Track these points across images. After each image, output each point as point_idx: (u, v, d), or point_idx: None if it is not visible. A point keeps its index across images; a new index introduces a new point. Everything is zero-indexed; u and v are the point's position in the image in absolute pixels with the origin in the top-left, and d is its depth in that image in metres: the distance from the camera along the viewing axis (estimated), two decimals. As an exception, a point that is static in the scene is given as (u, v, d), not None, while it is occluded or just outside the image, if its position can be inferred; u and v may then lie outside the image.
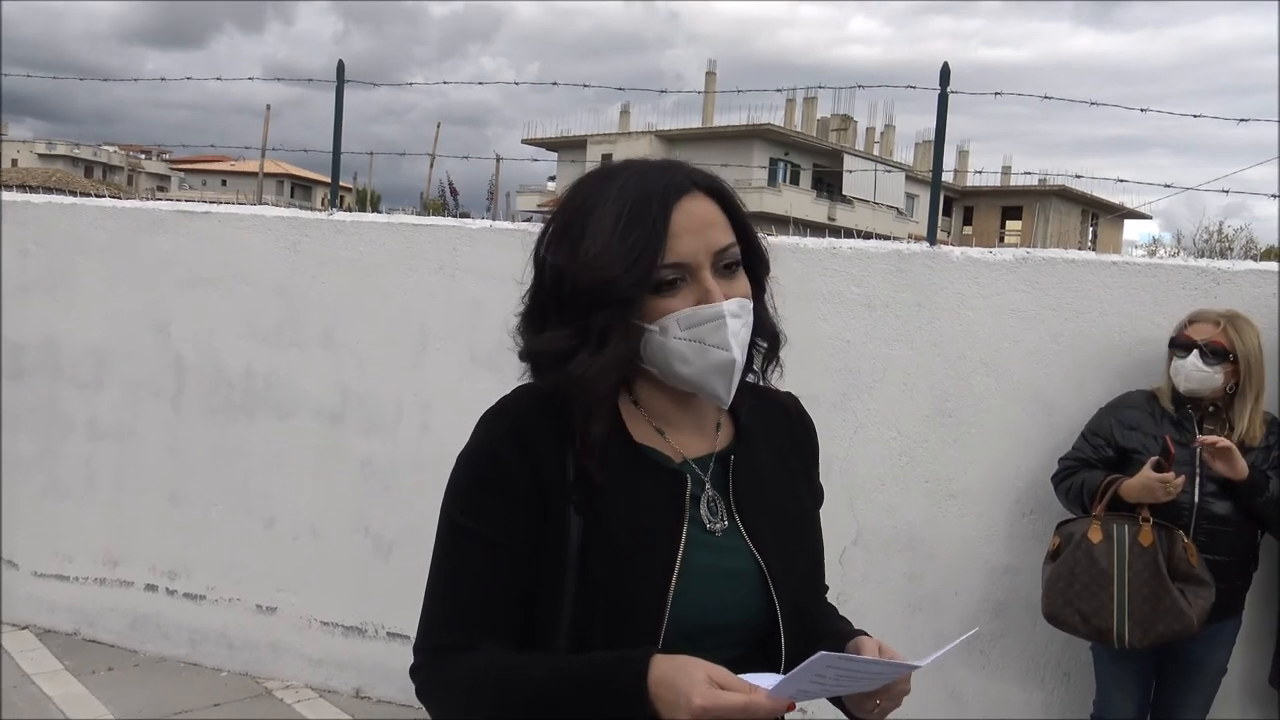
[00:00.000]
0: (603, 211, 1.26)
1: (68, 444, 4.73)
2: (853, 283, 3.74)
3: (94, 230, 4.68)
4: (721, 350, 1.25)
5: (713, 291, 1.25)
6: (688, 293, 1.26)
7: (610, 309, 1.23)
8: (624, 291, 1.23)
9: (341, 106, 4.68)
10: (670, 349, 1.26)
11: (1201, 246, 27.79)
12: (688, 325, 1.25)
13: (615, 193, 1.26)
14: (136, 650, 4.63)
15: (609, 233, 1.23)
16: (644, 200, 1.25)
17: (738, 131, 40.19)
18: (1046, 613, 3.15)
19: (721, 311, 1.25)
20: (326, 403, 4.35)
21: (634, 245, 1.22)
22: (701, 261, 1.25)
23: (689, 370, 1.27)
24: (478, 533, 1.27)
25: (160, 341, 4.56)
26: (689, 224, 1.25)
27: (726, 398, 1.29)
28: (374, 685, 4.29)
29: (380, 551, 4.27)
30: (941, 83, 3.90)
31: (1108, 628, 3.00)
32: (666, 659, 1.14)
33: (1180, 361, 3.08)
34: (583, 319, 1.25)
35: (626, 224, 1.23)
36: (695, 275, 1.25)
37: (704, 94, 37.37)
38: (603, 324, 1.24)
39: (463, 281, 4.16)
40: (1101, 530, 3.03)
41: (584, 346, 1.25)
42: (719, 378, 1.27)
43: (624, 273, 1.22)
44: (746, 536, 1.32)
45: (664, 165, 1.33)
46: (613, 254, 1.22)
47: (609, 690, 1.15)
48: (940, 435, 3.67)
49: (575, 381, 1.25)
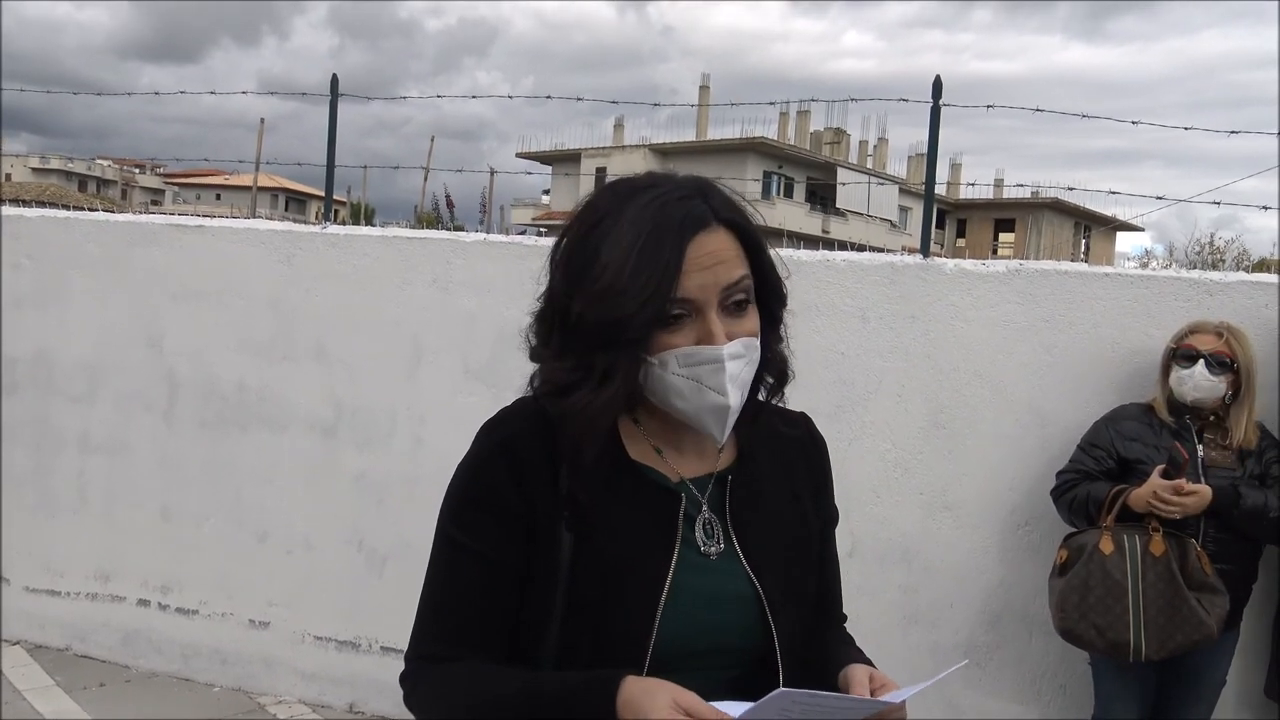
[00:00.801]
0: (617, 238, 1.21)
1: (60, 458, 4.71)
2: (846, 295, 3.74)
3: (87, 244, 4.68)
4: (717, 394, 1.23)
5: (715, 334, 1.22)
6: (690, 330, 1.22)
7: (618, 349, 1.21)
8: (634, 333, 1.20)
9: (335, 120, 4.69)
10: (668, 383, 1.24)
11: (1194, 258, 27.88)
12: (686, 364, 1.22)
13: (631, 218, 1.22)
14: (129, 666, 4.61)
15: (621, 265, 1.19)
16: (660, 234, 1.20)
17: (732, 145, 40.31)
18: (1061, 628, 3.11)
19: (721, 355, 1.22)
20: (320, 416, 4.34)
21: (646, 285, 1.18)
22: (708, 299, 1.22)
23: (685, 406, 1.25)
24: (469, 547, 1.27)
25: (153, 355, 4.55)
26: (701, 260, 1.21)
27: (720, 438, 1.28)
28: (368, 700, 4.27)
29: (374, 565, 4.25)
30: (934, 96, 3.92)
31: (1124, 641, 2.97)
32: (637, 681, 1.14)
33: (1185, 372, 3.09)
34: (588, 354, 1.22)
35: (639, 260, 1.19)
36: (700, 312, 1.22)
37: (698, 107, 37.48)
38: (608, 363, 1.22)
39: (456, 294, 4.16)
40: (1113, 541, 3.01)
41: (587, 381, 1.23)
42: (713, 419, 1.25)
43: (635, 314, 1.19)
44: (743, 559, 1.30)
45: (686, 190, 1.26)
46: (624, 292, 1.18)
47: (579, 709, 1.15)
48: (934, 447, 3.67)
49: (575, 417, 1.23)
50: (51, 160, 62.10)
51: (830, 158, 44.61)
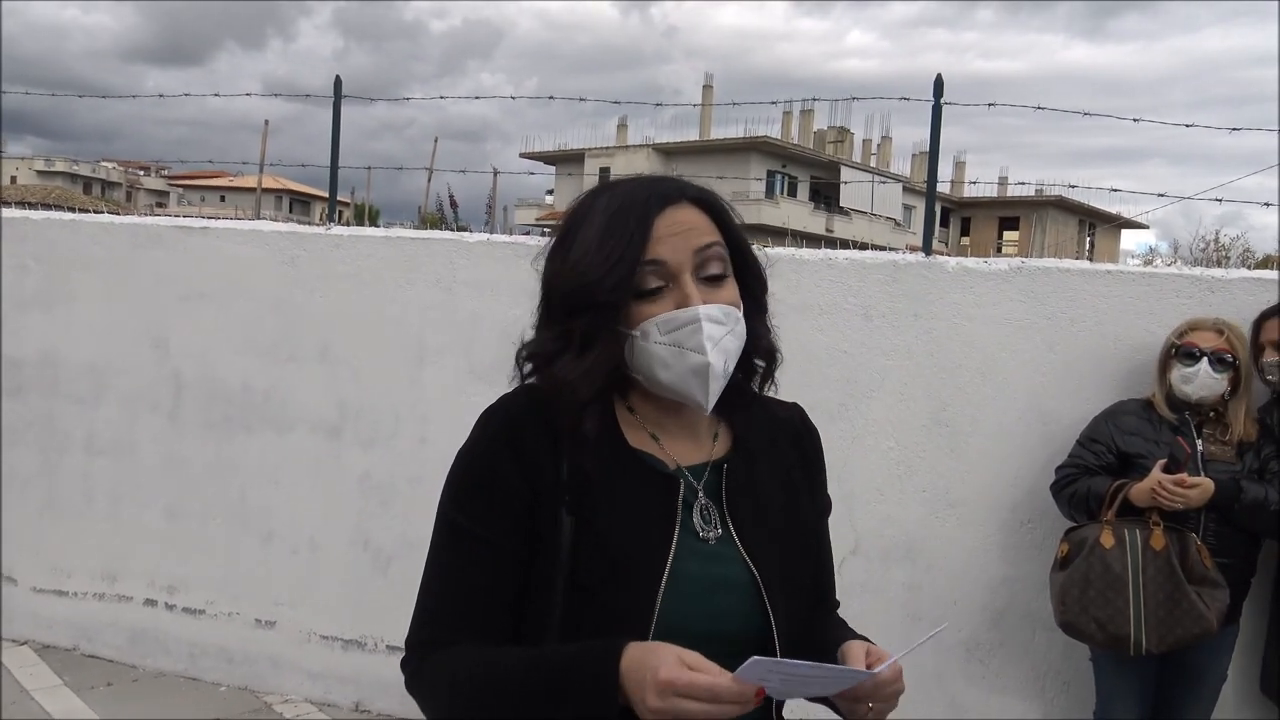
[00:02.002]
0: (590, 221, 1.29)
1: (66, 459, 4.73)
2: (849, 293, 3.75)
3: (92, 246, 4.70)
4: (697, 354, 1.26)
5: (690, 295, 1.26)
6: (668, 299, 1.27)
7: (592, 312, 1.26)
8: (605, 295, 1.25)
9: (339, 121, 4.71)
10: (651, 353, 1.27)
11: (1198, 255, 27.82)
12: (667, 329, 1.26)
13: (603, 204, 1.30)
14: (136, 665, 4.63)
15: (592, 239, 1.27)
16: (627, 208, 1.28)
17: (735, 144, 40.30)
18: (1061, 621, 3.12)
19: (698, 314, 1.25)
20: (324, 416, 4.35)
21: (613, 249, 1.25)
22: (682, 263, 1.27)
23: (669, 375, 1.28)
24: (469, 531, 1.28)
25: (158, 356, 4.57)
26: (671, 229, 1.27)
27: (706, 402, 1.29)
28: (374, 699, 4.29)
29: (379, 564, 4.27)
30: (935, 94, 3.92)
31: (1124, 634, 2.97)
32: (640, 645, 1.15)
33: (1189, 369, 3.09)
34: (566, 323, 1.28)
35: (607, 230, 1.27)
36: (676, 280, 1.27)
37: (700, 107, 37.45)
38: (585, 327, 1.27)
39: (460, 295, 4.17)
40: (1113, 535, 3.02)
41: (568, 349, 1.28)
42: (696, 381, 1.27)
43: (604, 276, 1.24)
44: (740, 545, 1.31)
45: (656, 178, 1.35)
46: (593, 259, 1.25)
47: (581, 676, 1.16)
48: (938, 445, 3.68)
49: (560, 383, 1.27)
50: (57, 163, 62.18)
51: (834, 156, 44.56)
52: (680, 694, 1.08)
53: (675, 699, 1.08)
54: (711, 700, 1.09)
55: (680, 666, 1.10)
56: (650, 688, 1.09)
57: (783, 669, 1.11)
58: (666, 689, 1.09)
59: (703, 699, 1.08)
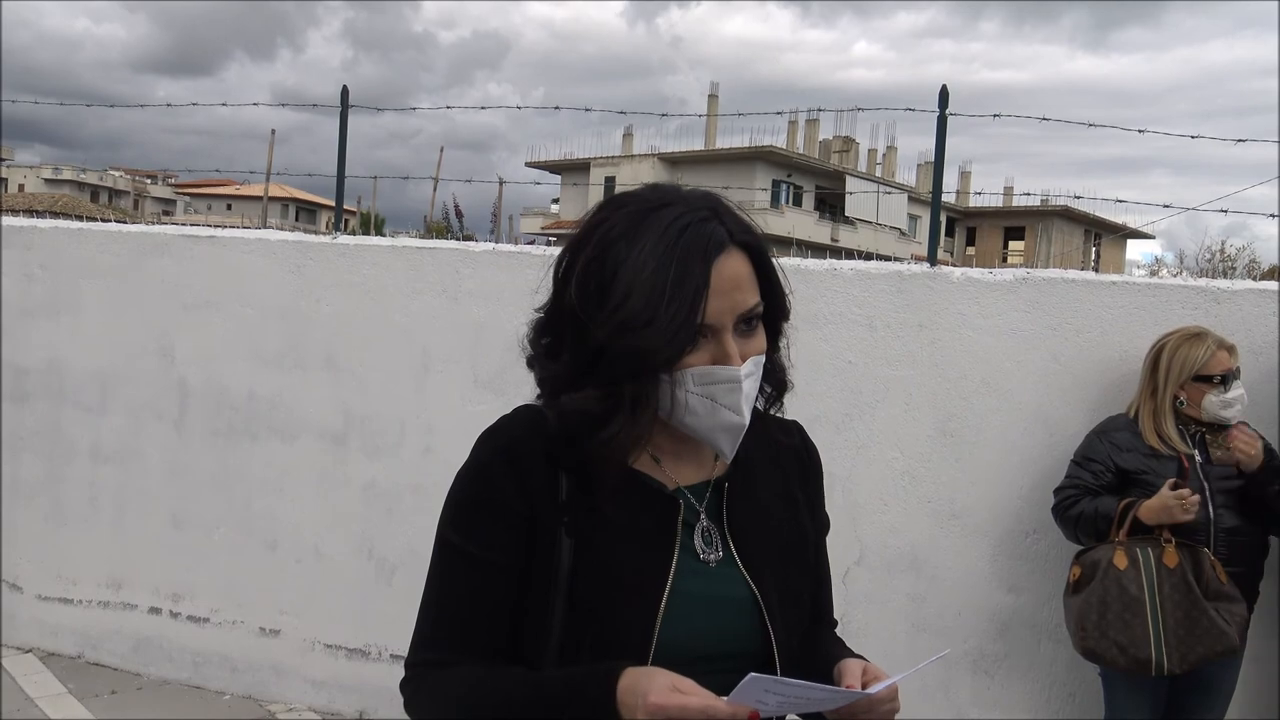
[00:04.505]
0: (639, 263, 1.20)
1: (72, 467, 4.74)
2: (854, 304, 3.75)
3: (99, 254, 4.71)
4: (732, 413, 1.25)
5: (731, 355, 1.23)
6: (705, 350, 1.24)
7: (648, 378, 1.23)
8: (664, 363, 1.21)
9: (345, 130, 4.72)
10: (680, 401, 1.25)
11: (1204, 266, 27.79)
12: (701, 382, 1.24)
13: (653, 240, 1.21)
14: (140, 673, 4.63)
15: (648, 293, 1.18)
16: (685, 262, 1.20)
17: (740, 153, 40.32)
18: (1082, 648, 3.08)
19: (738, 376, 1.24)
20: (330, 425, 4.36)
21: (675, 316, 1.19)
22: (725, 324, 1.24)
23: (696, 423, 1.26)
24: (468, 551, 1.28)
25: (164, 365, 4.58)
26: (720, 285, 1.22)
27: (729, 454, 1.30)
28: (377, 708, 4.28)
29: (383, 574, 4.27)
30: (940, 104, 3.92)
31: (1146, 657, 2.93)
32: (635, 670, 1.15)
33: (1227, 395, 3.07)
34: (616, 383, 1.22)
35: (672, 290, 1.19)
36: (716, 335, 1.24)
37: (706, 117, 37.51)
38: (637, 392, 1.23)
39: (466, 304, 4.18)
40: (1126, 555, 2.98)
41: (618, 411, 1.23)
42: (726, 437, 1.27)
43: (665, 345, 1.19)
44: (741, 565, 1.31)
45: (702, 211, 1.25)
46: (653, 322, 1.18)
47: (578, 700, 1.16)
48: (942, 455, 3.68)
49: (608, 447, 1.24)
50: (64, 171, 62.45)
51: (839, 166, 44.58)
52: (672, 718, 1.09)
53: None
54: None
55: (671, 691, 1.10)
56: (641, 711, 1.10)
57: (780, 688, 1.11)
58: (657, 713, 1.09)
59: None
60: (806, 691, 1.14)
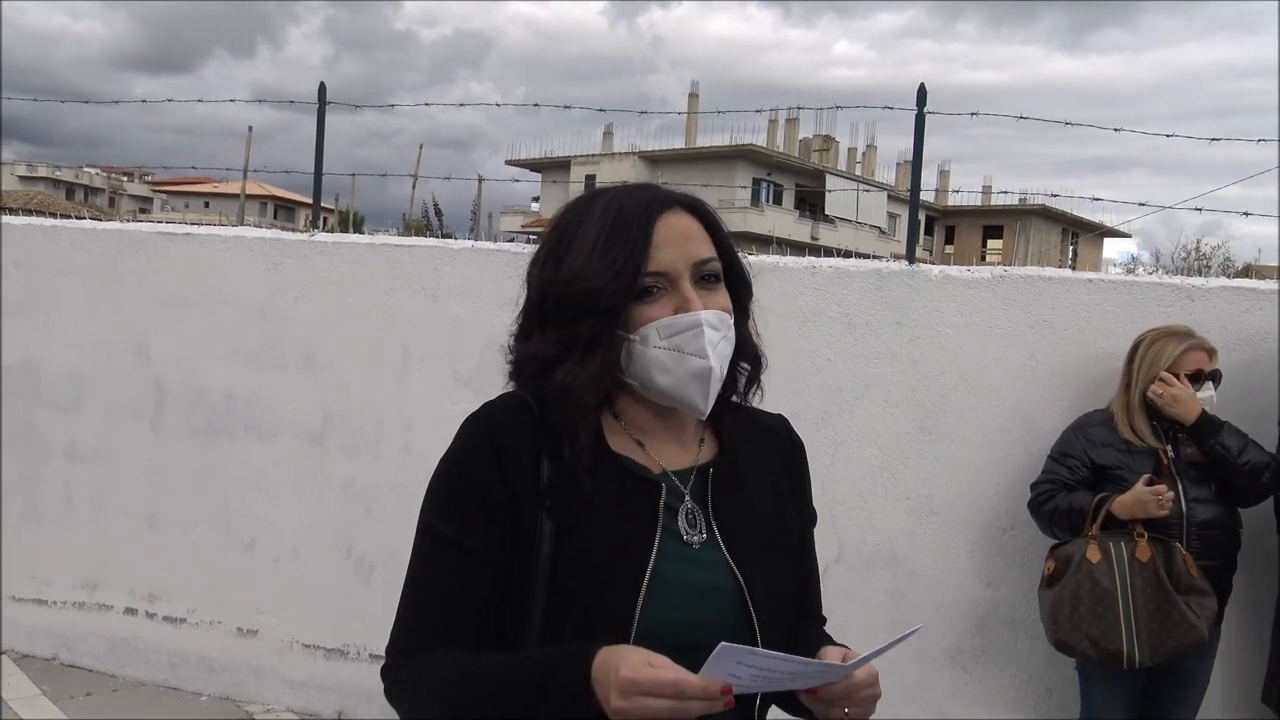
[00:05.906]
0: (586, 229, 1.30)
1: (46, 467, 4.69)
2: (833, 301, 3.76)
3: (74, 252, 4.67)
4: (699, 358, 1.27)
5: (691, 300, 1.28)
6: (667, 301, 1.28)
7: (595, 317, 1.26)
8: (608, 300, 1.26)
9: (323, 128, 4.70)
10: (650, 358, 1.28)
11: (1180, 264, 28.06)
12: (667, 334, 1.27)
13: (599, 211, 1.31)
14: (116, 675, 4.59)
15: (592, 246, 1.27)
16: (627, 214, 1.29)
17: (720, 152, 40.40)
18: (1054, 640, 3.11)
19: (699, 320, 1.27)
20: (308, 424, 4.33)
21: (617, 256, 1.26)
22: (681, 271, 1.29)
23: (668, 380, 1.28)
24: (450, 538, 1.28)
25: (140, 363, 4.54)
26: (670, 236, 1.29)
27: (704, 407, 1.30)
28: (356, 708, 4.26)
29: (362, 573, 4.25)
30: (918, 103, 3.94)
31: (1117, 649, 2.97)
32: (610, 648, 1.15)
33: (1205, 395, 3.12)
34: (568, 328, 1.27)
35: (609, 237, 1.27)
36: (675, 284, 1.29)
37: (686, 115, 37.57)
38: (589, 333, 1.27)
39: (445, 301, 4.16)
40: (1099, 549, 3.02)
41: (570, 354, 1.27)
42: (697, 385, 1.28)
43: (608, 282, 1.25)
44: (725, 550, 1.31)
45: (646, 186, 1.37)
46: (595, 265, 1.26)
47: (555, 681, 1.16)
48: (921, 452, 3.69)
49: (563, 390, 1.27)
50: (39, 168, 61.84)
51: (819, 165, 44.74)
52: (645, 692, 1.08)
53: (640, 698, 1.09)
54: (677, 696, 1.08)
55: (644, 666, 1.10)
56: (613, 687, 1.10)
57: (753, 659, 1.10)
58: (629, 688, 1.09)
59: (668, 695, 1.08)
60: (780, 664, 1.13)
